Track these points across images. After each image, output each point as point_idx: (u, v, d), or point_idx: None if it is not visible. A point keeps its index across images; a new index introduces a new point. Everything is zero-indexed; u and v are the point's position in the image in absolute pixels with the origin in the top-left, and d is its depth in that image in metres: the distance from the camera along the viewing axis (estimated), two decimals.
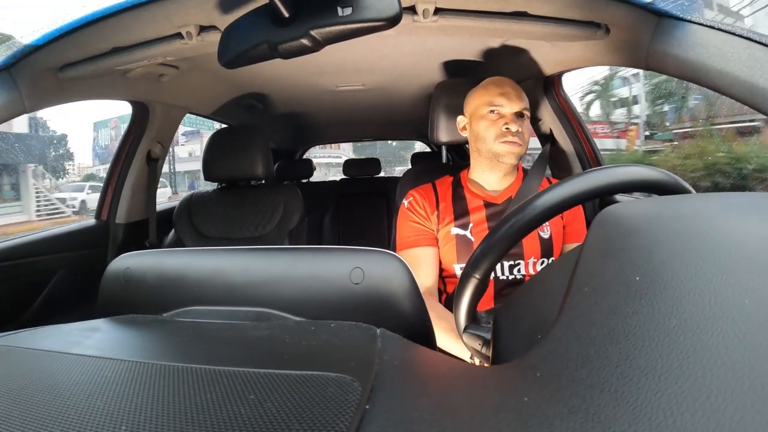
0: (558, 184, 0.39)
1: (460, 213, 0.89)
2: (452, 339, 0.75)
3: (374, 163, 2.52)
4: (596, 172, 0.38)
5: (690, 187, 0.37)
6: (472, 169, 0.95)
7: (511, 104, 0.86)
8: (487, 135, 0.86)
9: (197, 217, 1.29)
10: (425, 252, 0.89)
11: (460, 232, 0.88)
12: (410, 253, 0.89)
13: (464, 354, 0.74)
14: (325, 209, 2.40)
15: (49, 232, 1.14)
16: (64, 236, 1.15)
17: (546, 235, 0.87)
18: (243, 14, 0.51)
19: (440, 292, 0.93)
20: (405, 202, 0.94)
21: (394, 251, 0.55)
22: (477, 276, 0.40)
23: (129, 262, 0.44)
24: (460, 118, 0.95)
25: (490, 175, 0.91)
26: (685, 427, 0.13)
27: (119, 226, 1.28)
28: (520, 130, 0.85)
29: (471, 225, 0.88)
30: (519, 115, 0.86)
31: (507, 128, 0.84)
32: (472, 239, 0.87)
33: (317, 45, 0.48)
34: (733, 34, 0.57)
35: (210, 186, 1.42)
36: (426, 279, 0.87)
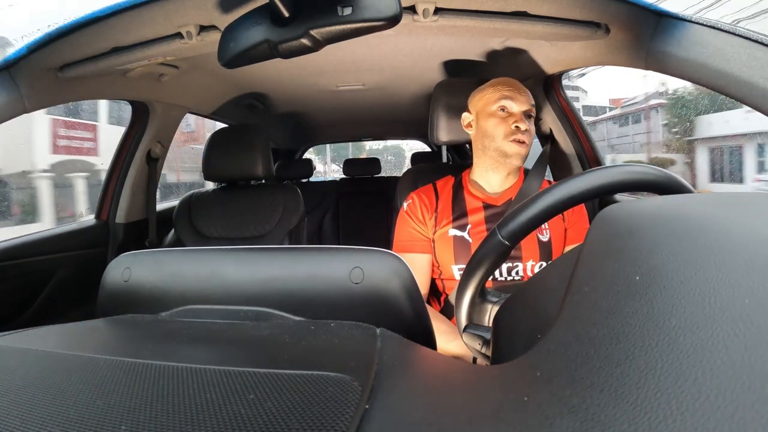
0: (557, 184, 0.39)
1: (459, 214, 0.89)
2: (446, 341, 0.75)
3: (374, 163, 2.52)
4: (596, 172, 0.38)
5: (690, 187, 0.37)
6: (474, 169, 0.94)
7: (520, 103, 0.86)
8: (496, 132, 0.86)
9: (197, 216, 1.29)
10: (419, 259, 0.89)
11: (458, 233, 0.88)
12: (404, 258, 0.89)
13: (460, 354, 0.74)
14: (325, 209, 2.40)
15: (49, 231, 1.14)
16: (64, 236, 1.15)
17: (545, 238, 0.87)
18: (243, 14, 0.51)
19: (438, 293, 0.93)
20: (404, 204, 0.94)
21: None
22: (506, 241, 0.40)
23: (129, 261, 0.44)
24: (465, 115, 0.94)
25: (493, 175, 0.91)
26: (685, 427, 0.13)
27: (119, 226, 1.28)
28: (528, 129, 0.86)
29: (469, 226, 0.88)
30: (526, 114, 0.87)
31: (516, 126, 0.85)
32: (470, 240, 0.87)
33: (317, 45, 0.48)
34: (733, 34, 0.57)
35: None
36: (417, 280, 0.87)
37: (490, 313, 0.44)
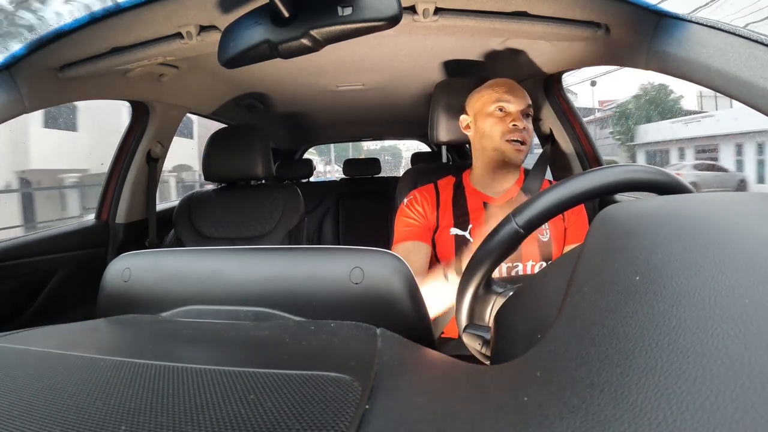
0: (556, 184, 0.39)
1: (460, 214, 0.89)
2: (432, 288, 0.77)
3: (374, 163, 2.52)
4: (596, 172, 0.38)
5: (690, 187, 0.37)
6: (474, 169, 0.94)
7: (517, 102, 0.87)
8: (493, 132, 0.86)
9: (197, 216, 1.29)
10: (417, 245, 0.89)
11: (459, 232, 0.88)
12: (402, 246, 0.89)
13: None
14: (325, 209, 2.40)
15: (49, 232, 1.14)
16: (64, 236, 1.15)
17: (545, 239, 0.87)
18: (243, 14, 0.51)
19: None
20: (405, 200, 0.95)
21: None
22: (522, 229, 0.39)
23: (129, 261, 0.44)
24: (462, 117, 0.95)
25: (493, 174, 0.91)
26: (685, 427, 0.13)
27: (119, 226, 1.28)
28: (526, 127, 0.86)
29: (470, 226, 0.88)
30: (524, 114, 0.87)
31: (514, 125, 0.85)
32: (471, 240, 0.87)
33: (317, 45, 0.48)
34: (733, 34, 0.57)
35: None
36: (415, 265, 0.85)
37: (493, 305, 0.43)
